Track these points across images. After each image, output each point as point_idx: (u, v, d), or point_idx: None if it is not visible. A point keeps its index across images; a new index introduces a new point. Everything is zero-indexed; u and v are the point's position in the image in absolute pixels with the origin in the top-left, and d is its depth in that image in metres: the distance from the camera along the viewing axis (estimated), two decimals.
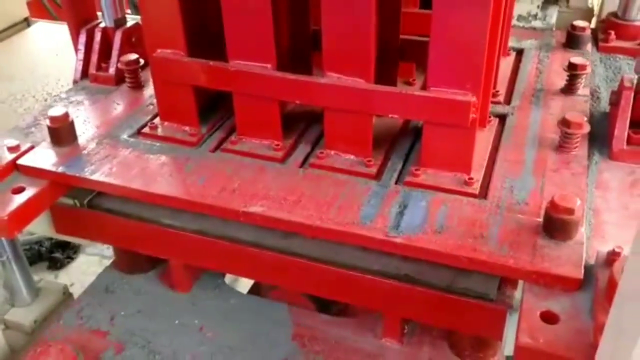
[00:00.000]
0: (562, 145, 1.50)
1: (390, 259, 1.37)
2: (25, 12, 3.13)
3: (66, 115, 1.58)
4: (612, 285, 1.06)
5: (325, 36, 1.40)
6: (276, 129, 1.56)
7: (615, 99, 1.56)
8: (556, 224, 1.22)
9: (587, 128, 1.49)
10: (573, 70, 1.72)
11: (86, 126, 1.68)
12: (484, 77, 1.34)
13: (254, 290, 1.95)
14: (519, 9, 2.17)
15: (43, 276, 2.87)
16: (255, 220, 1.37)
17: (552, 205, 1.22)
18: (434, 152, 1.43)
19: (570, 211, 1.20)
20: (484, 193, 1.40)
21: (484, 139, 1.53)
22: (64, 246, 3.33)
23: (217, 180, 1.45)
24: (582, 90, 1.75)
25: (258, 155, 1.54)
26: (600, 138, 1.60)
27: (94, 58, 1.93)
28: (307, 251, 1.43)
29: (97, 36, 1.94)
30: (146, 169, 1.50)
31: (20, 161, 1.53)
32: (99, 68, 1.93)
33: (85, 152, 1.56)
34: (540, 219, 1.27)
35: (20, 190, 1.48)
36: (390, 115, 1.45)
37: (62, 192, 1.57)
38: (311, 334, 1.59)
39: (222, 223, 1.48)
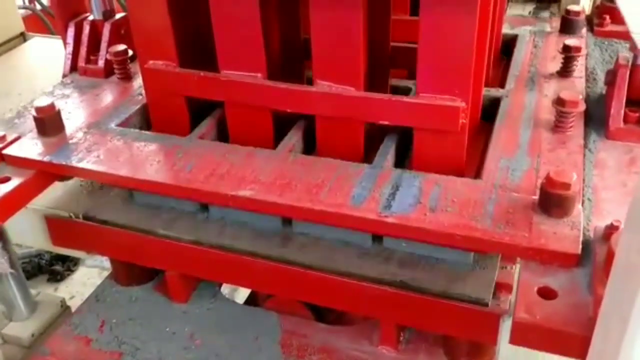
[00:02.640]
0: (558, 125, 1.47)
1: (386, 265, 1.36)
2: (21, 27, 3.11)
3: (52, 105, 1.55)
4: (610, 258, 1.03)
5: (314, 44, 1.39)
6: (268, 138, 1.54)
7: (611, 78, 1.54)
8: (552, 200, 1.19)
9: (582, 106, 1.46)
10: (568, 52, 1.69)
11: (74, 117, 1.66)
12: (474, 82, 1.33)
13: (251, 300, 1.93)
14: (510, 14, 2.17)
15: (43, 289, 2.86)
16: (244, 204, 1.34)
17: (548, 180, 1.19)
18: (425, 158, 1.42)
19: (567, 186, 1.17)
20: (478, 174, 1.37)
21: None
22: (64, 259, 3.31)
23: (206, 165, 1.42)
24: (578, 72, 1.73)
25: None
26: (596, 119, 1.57)
27: (83, 51, 1.91)
28: (302, 259, 1.41)
29: (86, 29, 1.92)
30: (134, 156, 1.47)
31: (6, 151, 1.51)
32: (87, 61, 1.91)
33: (72, 141, 1.54)
34: (536, 197, 1.24)
35: (5, 180, 1.46)
36: (380, 122, 1.43)
37: (49, 182, 1.54)
38: (301, 341, 1.57)
39: (217, 233, 1.49)
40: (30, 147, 1.52)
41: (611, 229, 1.12)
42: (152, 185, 1.41)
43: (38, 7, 4.11)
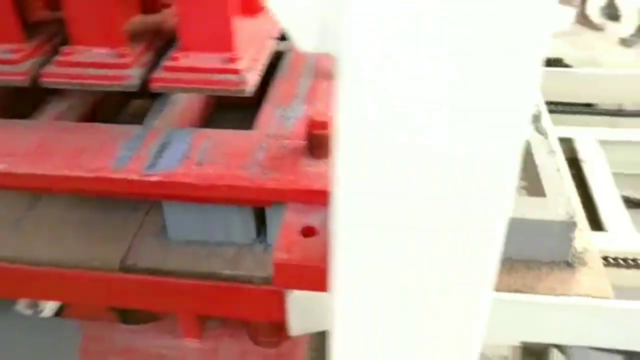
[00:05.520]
0: None
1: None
2: None
3: None
4: None
5: None
6: None
7: None
8: (315, 141, 1.18)
9: None
10: None
11: None
12: None
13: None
14: None
15: None
16: None
17: (310, 122, 1.18)
18: (192, 32, 1.24)
19: (325, 125, 1.17)
20: (254, 125, 1.33)
21: (256, 29, 1.39)
22: None
23: None
24: None
25: None
26: None
27: None
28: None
29: None
30: None
31: None
32: None
33: None
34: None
35: None
36: None
37: None
38: (101, 346, 1.50)
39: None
40: None
41: None
42: None
43: None
